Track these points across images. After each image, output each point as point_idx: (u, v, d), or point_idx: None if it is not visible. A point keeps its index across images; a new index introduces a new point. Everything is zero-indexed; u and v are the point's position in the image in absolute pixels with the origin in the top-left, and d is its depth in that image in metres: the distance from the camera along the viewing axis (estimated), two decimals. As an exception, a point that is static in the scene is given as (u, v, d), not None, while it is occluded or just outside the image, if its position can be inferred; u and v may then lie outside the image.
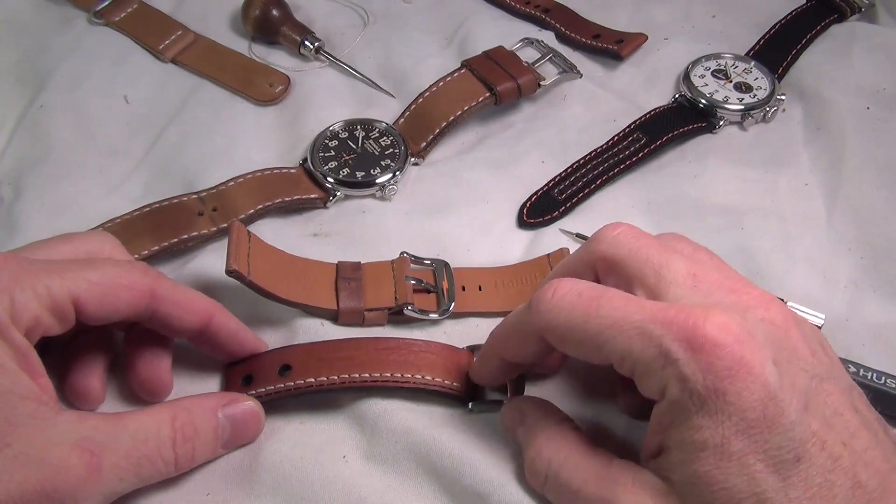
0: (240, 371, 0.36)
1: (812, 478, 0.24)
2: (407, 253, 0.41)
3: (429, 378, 0.35)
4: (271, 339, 0.38)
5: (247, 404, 0.33)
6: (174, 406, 0.31)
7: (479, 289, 0.40)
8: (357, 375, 0.34)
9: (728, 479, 0.24)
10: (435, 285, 0.40)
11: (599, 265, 0.30)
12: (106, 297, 0.30)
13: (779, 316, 0.27)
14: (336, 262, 0.40)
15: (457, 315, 0.39)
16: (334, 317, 0.38)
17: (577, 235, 0.43)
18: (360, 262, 0.40)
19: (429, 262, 0.40)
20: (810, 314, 0.39)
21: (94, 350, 0.35)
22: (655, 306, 0.26)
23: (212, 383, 0.36)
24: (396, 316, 0.39)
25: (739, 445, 0.24)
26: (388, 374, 0.35)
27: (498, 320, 0.39)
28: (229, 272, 0.34)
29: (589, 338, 0.27)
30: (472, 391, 0.36)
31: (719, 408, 0.24)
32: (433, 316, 0.38)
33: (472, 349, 0.37)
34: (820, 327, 0.38)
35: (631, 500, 0.27)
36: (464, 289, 0.40)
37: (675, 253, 0.29)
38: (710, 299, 0.27)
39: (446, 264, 0.40)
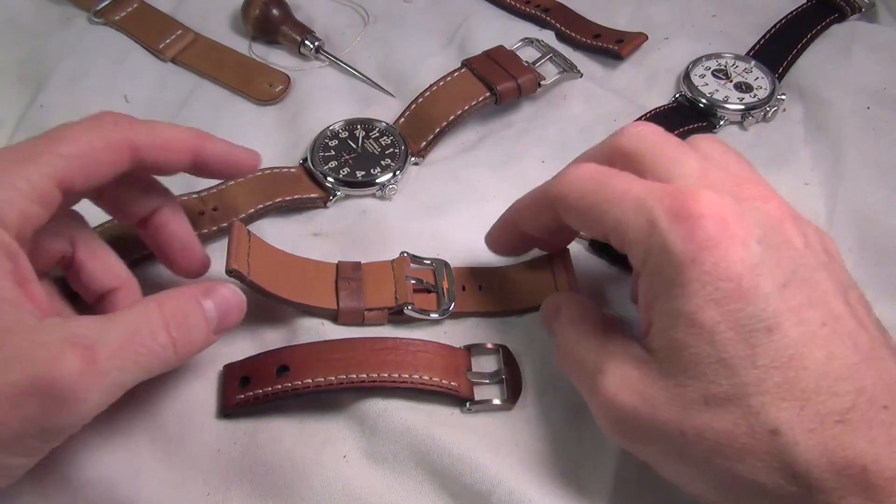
0: (237, 372, 0.36)
1: (783, 349, 0.25)
2: (407, 253, 0.41)
3: (427, 378, 0.35)
4: (271, 339, 0.38)
5: (225, 289, 0.32)
6: (158, 296, 0.30)
7: (480, 288, 0.40)
8: (355, 376, 0.34)
9: (697, 345, 0.26)
10: (435, 285, 0.40)
11: (618, 157, 0.31)
12: (88, 167, 0.29)
13: (776, 209, 0.28)
14: (336, 262, 0.40)
15: (457, 315, 0.39)
16: (334, 317, 0.38)
17: (580, 235, 0.43)
18: (360, 262, 0.40)
19: (429, 262, 0.40)
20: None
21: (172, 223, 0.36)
22: (656, 185, 0.28)
23: (210, 385, 0.36)
24: (396, 316, 0.39)
25: (711, 314, 0.25)
26: (387, 375, 0.35)
27: (494, 320, 0.39)
28: (229, 272, 0.34)
29: (592, 207, 0.29)
30: (471, 391, 0.36)
31: (695, 276, 0.25)
32: (433, 316, 0.39)
33: (470, 348, 0.37)
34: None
35: (615, 366, 0.29)
36: (464, 288, 0.40)
37: (691, 150, 0.30)
38: (713, 188, 0.28)
39: (446, 264, 0.40)
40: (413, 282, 0.39)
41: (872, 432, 0.24)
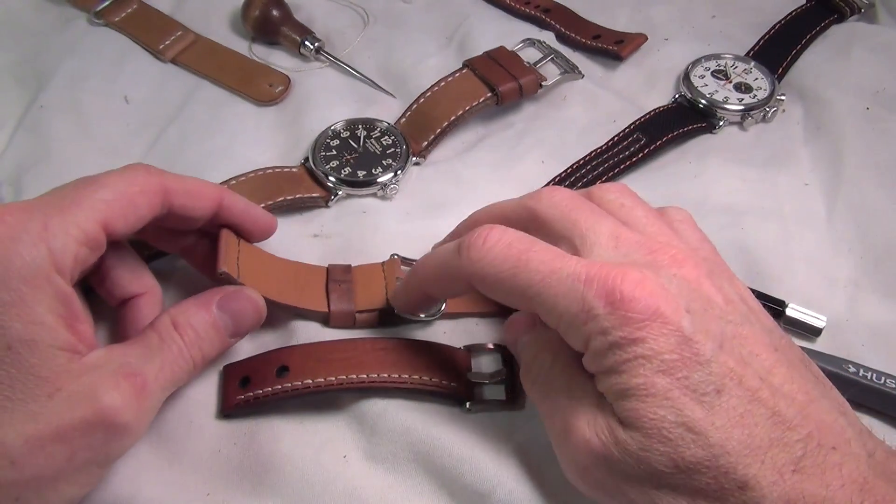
0: (238, 372, 0.36)
1: (733, 408, 0.26)
2: (398, 255, 0.41)
3: (427, 378, 0.35)
4: (268, 340, 0.38)
5: (239, 292, 0.34)
6: (169, 313, 0.32)
7: None
8: (355, 376, 0.34)
9: (656, 412, 0.26)
10: None
11: (531, 221, 0.32)
12: (127, 210, 0.31)
13: (691, 272, 0.29)
14: (326, 266, 0.40)
15: (449, 315, 0.39)
16: (325, 319, 0.38)
17: None
18: (350, 265, 0.40)
19: None
20: (812, 316, 0.39)
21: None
22: (579, 262, 0.28)
23: (210, 385, 0.36)
24: (388, 317, 0.39)
25: (663, 383, 0.26)
26: (386, 375, 0.35)
27: (494, 320, 0.39)
28: (219, 274, 0.34)
29: (517, 290, 0.29)
30: (470, 391, 0.36)
31: (638, 354, 0.26)
32: (423, 316, 0.38)
33: (470, 348, 0.37)
34: (822, 330, 0.38)
35: (591, 412, 0.28)
36: None
37: (602, 216, 0.31)
38: (628, 259, 0.29)
39: None
40: None
41: (826, 476, 0.25)
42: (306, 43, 0.54)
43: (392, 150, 0.47)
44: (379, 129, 0.48)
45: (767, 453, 0.26)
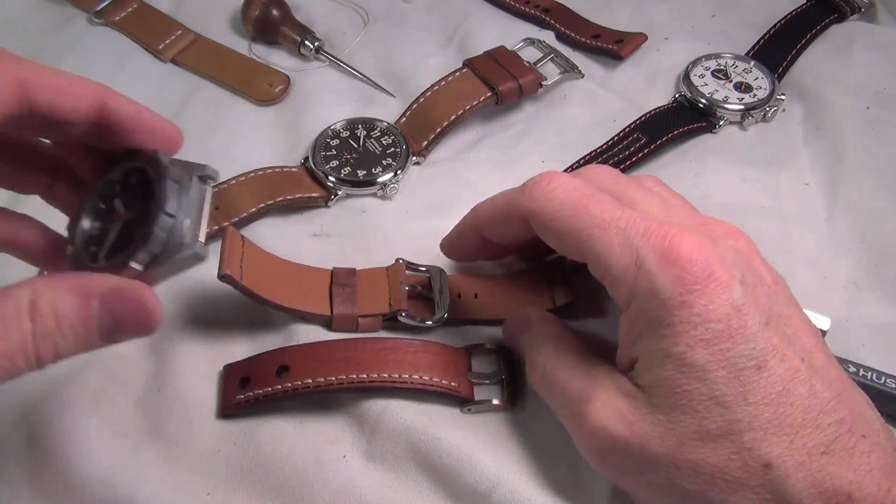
0: (238, 372, 0.36)
1: (771, 385, 0.26)
2: (403, 259, 0.41)
3: (426, 378, 0.35)
4: (269, 341, 0.38)
5: (135, 293, 0.26)
6: (34, 288, 0.24)
7: (475, 296, 0.40)
8: (355, 376, 0.34)
9: (689, 383, 0.26)
10: (430, 292, 0.39)
11: None
12: None
13: (745, 246, 0.29)
14: (331, 268, 0.40)
15: (452, 322, 0.39)
16: (328, 323, 0.38)
17: None
18: (354, 269, 0.40)
19: (424, 269, 0.40)
20: (814, 317, 0.38)
21: None
22: (639, 215, 0.28)
23: (210, 385, 0.36)
24: (391, 322, 0.39)
25: (701, 353, 0.26)
26: (387, 375, 0.35)
27: (495, 328, 0.39)
28: (221, 277, 0.34)
29: (573, 231, 0.29)
30: (470, 391, 0.36)
31: (685, 318, 0.26)
32: (428, 323, 0.38)
33: (470, 349, 0.37)
34: (826, 332, 0.38)
35: (604, 396, 0.28)
36: (459, 296, 0.40)
37: (651, 193, 0.31)
38: (683, 225, 0.29)
39: (442, 271, 0.40)
40: (408, 288, 0.39)
41: (855, 461, 0.25)
42: (306, 43, 0.54)
43: (392, 149, 0.47)
44: (379, 128, 0.48)
45: (798, 433, 0.25)
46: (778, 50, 0.54)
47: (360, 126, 0.49)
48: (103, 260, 0.28)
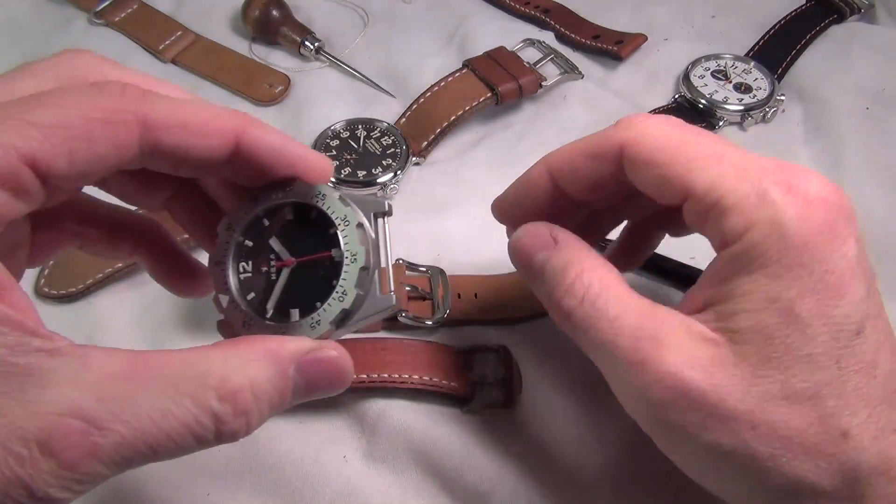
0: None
1: (863, 354, 0.24)
2: (403, 260, 0.41)
3: (427, 378, 0.35)
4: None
5: (329, 354, 0.23)
6: (224, 357, 0.21)
7: (475, 296, 0.40)
8: (355, 376, 0.34)
9: (790, 336, 0.24)
10: (430, 292, 0.39)
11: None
12: (75, 144, 0.20)
13: (850, 202, 0.26)
14: None
15: (452, 322, 0.39)
16: None
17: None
18: None
19: (424, 269, 0.40)
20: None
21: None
22: (753, 155, 0.26)
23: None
24: (391, 322, 0.39)
25: (810, 304, 0.24)
26: (387, 375, 0.35)
27: (495, 328, 0.39)
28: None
29: (679, 161, 0.26)
30: (470, 391, 0.36)
31: (805, 262, 0.24)
32: (428, 323, 0.38)
33: (470, 349, 0.37)
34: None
35: (678, 338, 0.25)
36: (459, 296, 0.40)
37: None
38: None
39: (442, 271, 0.40)
40: (408, 289, 0.39)
41: None
42: (306, 43, 0.54)
43: (392, 150, 0.47)
44: (379, 129, 0.48)
45: (876, 407, 0.24)
46: (778, 50, 0.54)
47: (360, 126, 0.49)
48: (272, 311, 0.24)
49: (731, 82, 0.51)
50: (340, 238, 0.24)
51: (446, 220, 0.44)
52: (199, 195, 0.28)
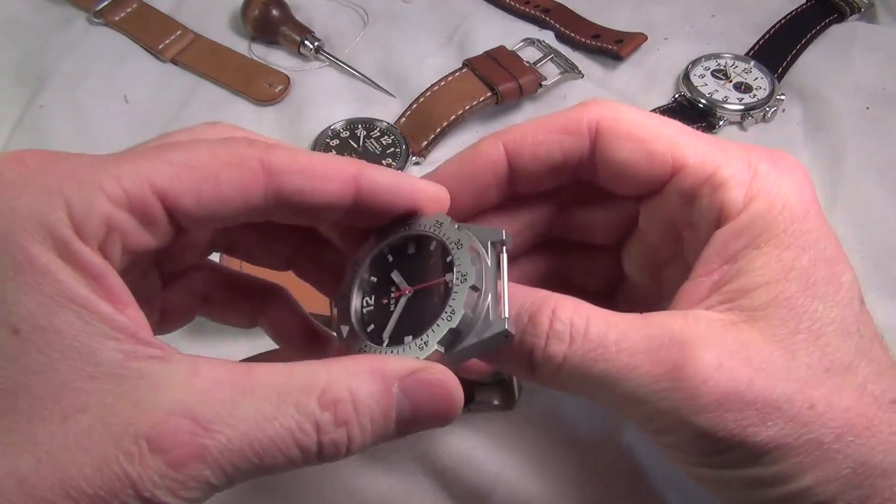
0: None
1: (870, 321, 0.24)
2: None
3: None
4: (268, 341, 0.38)
5: (435, 375, 0.22)
6: (328, 369, 0.21)
7: None
8: None
9: (812, 303, 0.23)
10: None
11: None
12: (203, 183, 0.22)
13: None
14: None
15: None
16: (328, 323, 0.38)
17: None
18: None
19: None
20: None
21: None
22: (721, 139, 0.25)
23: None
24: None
25: (823, 273, 0.23)
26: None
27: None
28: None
29: (662, 136, 0.25)
30: (470, 391, 0.36)
31: (809, 230, 0.23)
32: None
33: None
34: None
35: (700, 335, 0.22)
36: None
37: None
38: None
39: None
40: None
41: None
42: (306, 43, 0.54)
43: (392, 149, 0.47)
44: (379, 128, 0.48)
45: (892, 376, 0.23)
46: (778, 50, 0.54)
47: (359, 126, 0.49)
48: (387, 339, 0.24)
49: (731, 82, 0.51)
50: (454, 262, 0.23)
51: (446, 220, 0.44)
52: (321, 249, 0.28)
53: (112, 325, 0.19)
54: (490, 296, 0.23)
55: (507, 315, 0.23)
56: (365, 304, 0.25)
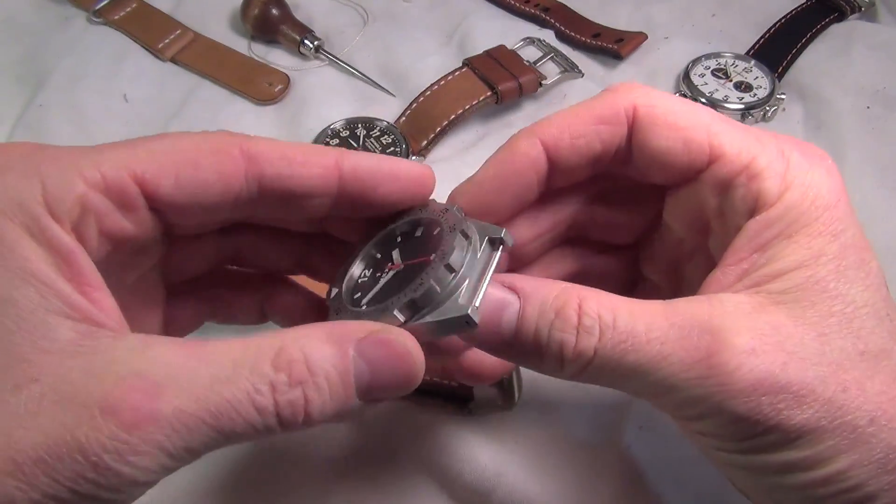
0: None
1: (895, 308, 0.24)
2: None
3: (427, 378, 0.35)
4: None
5: (391, 337, 0.22)
6: (283, 335, 0.21)
7: None
8: None
9: (844, 287, 0.23)
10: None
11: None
12: (182, 169, 0.22)
13: None
14: None
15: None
16: None
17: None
18: None
19: None
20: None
21: None
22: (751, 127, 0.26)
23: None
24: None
25: (853, 258, 0.23)
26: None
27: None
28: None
29: (699, 125, 0.25)
30: (470, 391, 0.36)
31: (839, 218, 0.23)
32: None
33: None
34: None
35: (732, 321, 0.22)
36: None
37: None
38: None
39: None
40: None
41: None
42: (306, 42, 0.54)
43: (392, 149, 0.47)
44: (378, 127, 0.48)
45: None
46: (778, 49, 0.54)
47: (359, 125, 0.49)
48: (365, 306, 0.24)
49: (731, 81, 0.51)
50: (445, 244, 0.24)
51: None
52: (332, 248, 0.29)
53: (69, 304, 0.20)
54: (468, 282, 0.23)
55: (476, 305, 0.23)
56: (363, 275, 0.26)
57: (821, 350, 0.22)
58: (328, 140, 0.47)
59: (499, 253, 0.24)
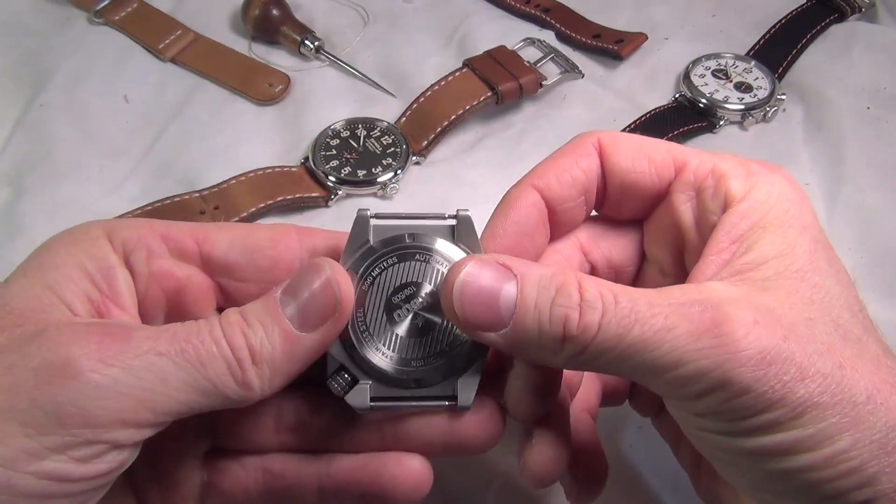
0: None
1: (866, 310, 0.25)
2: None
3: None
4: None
5: (309, 268, 0.25)
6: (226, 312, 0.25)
7: None
8: None
9: (820, 278, 0.24)
10: None
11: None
12: (237, 237, 0.27)
13: None
14: None
15: None
16: None
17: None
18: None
19: None
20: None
21: None
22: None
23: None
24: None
25: (822, 255, 0.25)
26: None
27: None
28: None
29: (660, 147, 0.28)
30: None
31: (803, 215, 0.25)
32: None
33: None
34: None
35: (730, 299, 0.23)
36: None
37: None
38: None
39: None
40: None
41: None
42: (306, 42, 0.54)
43: (392, 149, 0.47)
44: (379, 128, 0.48)
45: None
46: (778, 50, 0.54)
47: (360, 126, 0.49)
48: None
49: (731, 81, 0.51)
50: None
51: (446, 220, 0.44)
52: None
53: (75, 291, 0.24)
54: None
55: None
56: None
57: (812, 331, 0.22)
58: (328, 140, 0.47)
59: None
